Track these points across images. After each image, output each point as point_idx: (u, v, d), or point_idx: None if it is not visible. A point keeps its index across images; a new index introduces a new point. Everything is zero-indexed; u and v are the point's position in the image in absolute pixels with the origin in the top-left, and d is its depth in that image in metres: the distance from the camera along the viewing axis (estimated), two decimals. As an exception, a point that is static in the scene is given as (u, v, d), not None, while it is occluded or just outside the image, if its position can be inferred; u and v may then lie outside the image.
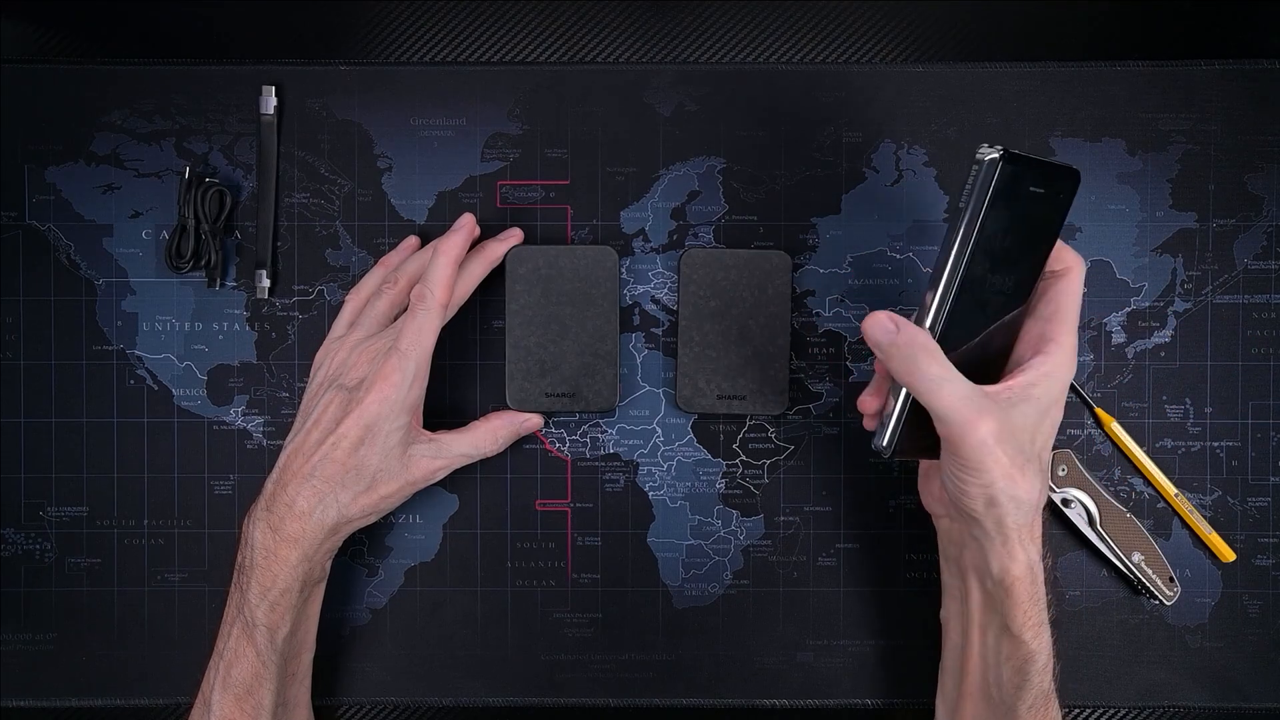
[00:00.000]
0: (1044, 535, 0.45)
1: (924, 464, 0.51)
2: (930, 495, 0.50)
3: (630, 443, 0.56)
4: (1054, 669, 0.46)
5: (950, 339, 0.43)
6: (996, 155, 0.41)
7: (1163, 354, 0.56)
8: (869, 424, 0.49)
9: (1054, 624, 0.45)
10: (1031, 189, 0.42)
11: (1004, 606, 0.44)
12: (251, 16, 0.58)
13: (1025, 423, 0.42)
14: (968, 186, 0.42)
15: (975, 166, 0.42)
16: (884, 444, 0.45)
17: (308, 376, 0.52)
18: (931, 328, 0.43)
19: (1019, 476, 0.42)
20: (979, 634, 0.47)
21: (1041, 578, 0.44)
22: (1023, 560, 0.43)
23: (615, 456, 0.56)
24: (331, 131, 0.56)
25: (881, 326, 0.43)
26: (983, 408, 0.41)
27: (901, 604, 0.56)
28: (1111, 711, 0.56)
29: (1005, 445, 0.41)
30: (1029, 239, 0.43)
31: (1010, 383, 0.43)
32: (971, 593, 0.47)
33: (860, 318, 0.56)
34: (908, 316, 0.43)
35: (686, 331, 0.54)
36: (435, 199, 0.56)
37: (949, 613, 0.49)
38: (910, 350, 0.42)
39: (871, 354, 0.56)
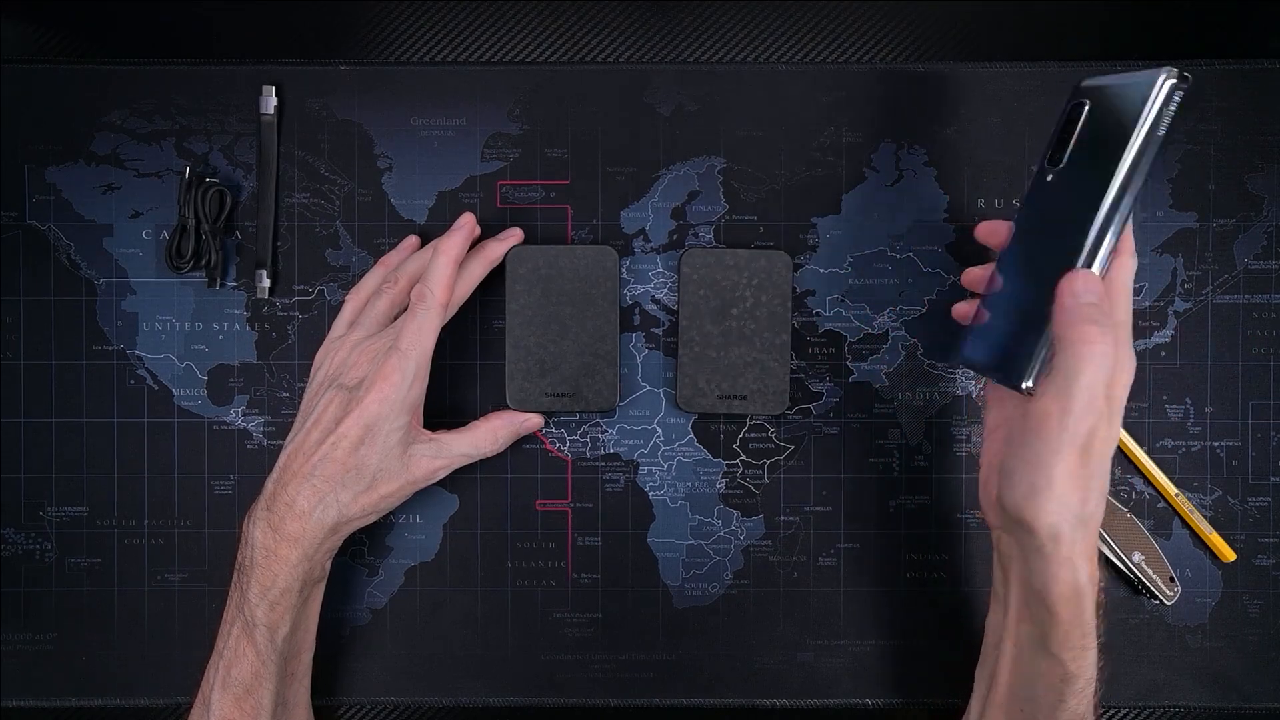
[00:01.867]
0: (1096, 558, 0.42)
1: (987, 470, 0.47)
2: (988, 501, 0.47)
3: (630, 443, 0.56)
4: (1095, 692, 0.44)
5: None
6: (1173, 79, 0.40)
7: (1163, 354, 0.56)
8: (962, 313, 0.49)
9: (1104, 649, 0.43)
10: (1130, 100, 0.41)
11: (1046, 624, 0.42)
12: (251, 16, 0.58)
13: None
14: (1140, 113, 0.40)
15: (1138, 92, 0.41)
16: (1028, 381, 0.43)
17: (308, 376, 0.52)
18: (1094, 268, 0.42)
19: (1080, 481, 0.41)
20: (1013, 647, 0.45)
21: (1090, 601, 0.42)
22: (1067, 580, 0.41)
23: (615, 456, 0.56)
24: (331, 131, 0.56)
25: (1092, 290, 0.41)
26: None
27: (901, 604, 0.56)
28: (1111, 711, 0.56)
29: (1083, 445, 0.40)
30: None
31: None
32: (1012, 604, 0.45)
33: (860, 318, 0.56)
34: (911, 314, 0.42)
35: (687, 331, 0.54)
36: (435, 199, 0.56)
37: (994, 619, 0.48)
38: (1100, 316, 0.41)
39: (873, 353, 0.56)
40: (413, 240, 0.55)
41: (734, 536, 0.56)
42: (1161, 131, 0.41)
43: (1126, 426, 0.55)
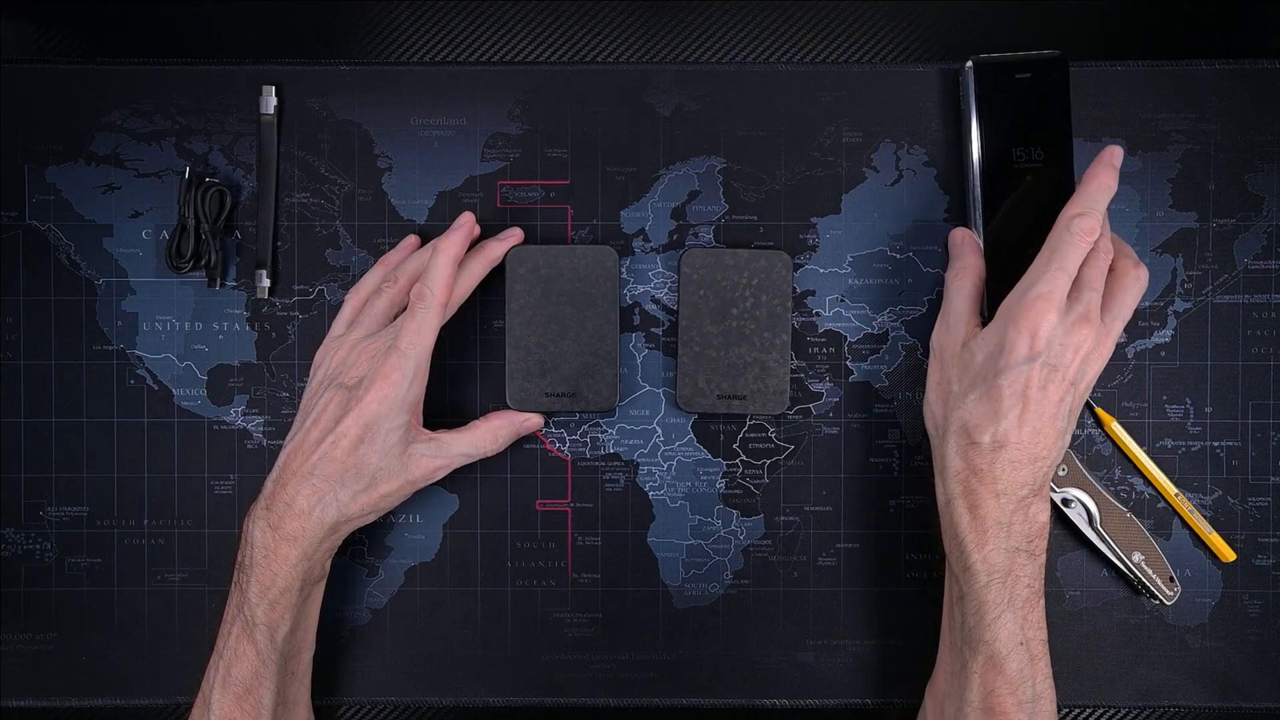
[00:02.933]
0: (963, 485, 0.46)
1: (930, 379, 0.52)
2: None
3: (630, 443, 0.56)
4: (1010, 626, 0.45)
5: (997, 215, 0.52)
6: (970, 64, 0.53)
7: (1163, 354, 0.56)
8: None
9: (1004, 584, 0.45)
10: (1018, 76, 0.52)
11: (946, 541, 0.48)
12: (251, 16, 0.58)
13: (974, 357, 0.47)
14: (962, 93, 0.54)
15: (961, 76, 0.54)
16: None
17: (308, 376, 0.52)
18: (982, 214, 0.52)
19: (948, 396, 0.48)
20: (948, 568, 0.49)
21: (961, 520, 0.46)
22: (942, 492, 0.47)
23: (615, 456, 0.56)
24: (331, 131, 0.56)
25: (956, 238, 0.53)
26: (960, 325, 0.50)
27: (901, 604, 0.56)
28: (1111, 711, 0.56)
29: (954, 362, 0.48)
30: (1040, 114, 0.52)
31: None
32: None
33: (861, 318, 0.56)
34: (911, 314, 0.43)
35: (686, 331, 0.54)
36: (435, 199, 0.56)
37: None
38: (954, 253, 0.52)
39: (873, 353, 0.56)
40: (412, 240, 0.55)
41: (734, 536, 0.56)
42: (962, 108, 0.54)
43: (1126, 426, 0.55)
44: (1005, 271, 0.53)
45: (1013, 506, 0.46)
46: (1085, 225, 0.46)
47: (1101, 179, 0.48)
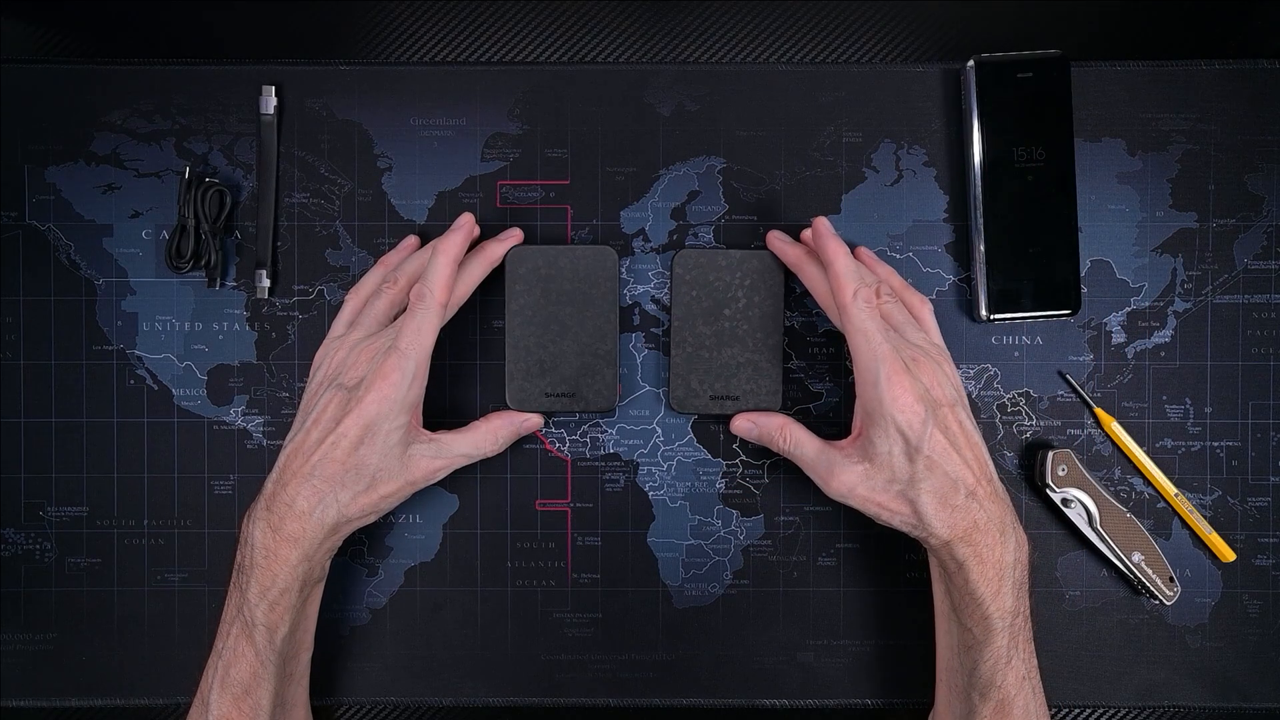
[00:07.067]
0: (971, 525, 0.46)
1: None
2: None
3: (630, 443, 0.56)
4: (1018, 667, 0.46)
5: (999, 214, 0.53)
6: (971, 63, 0.54)
7: (1163, 354, 0.56)
8: None
9: (1011, 626, 0.46)
10: (1019, 75, 0.53)
11: (947, 586, 0.48)
12: (251, 16, 0.58)
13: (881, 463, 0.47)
14: (963, 92, 0.54)
15: (963, 76, 0.54)
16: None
17: (307, 376, 0.52)
18: (983, 214, 0.53)
19: (900, 498, 0.47)
20: (941, 615, 0.50)
21: (972, 569, 0.46)
22: (948, 560, 0.47)
23: (615, 456, 0.56)
24: (331, 131, 0.56)
25: (742, 430, 0.53)
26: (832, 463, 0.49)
27: (901, 604, 0.56)
28: (1111, 711, 0.56)
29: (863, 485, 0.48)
30: (1041, 113, 0.53)
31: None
32: (934, 570, 0.50)
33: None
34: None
35: (679, 332, 0.54)
36: (435, 199, 0.56)
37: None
38: (769, 435, 0.51)
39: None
40: (412, 240, 0.55)
41: (734, 536, 0.56)
42: (963, 107, 0.55)
43: (1126, 426, 0.55)
44: (1006, 270, 0.53)
45: (1011, 539, 0.47)
46: (865, 295, 0.47)
47: (836, 252, 0.48)
